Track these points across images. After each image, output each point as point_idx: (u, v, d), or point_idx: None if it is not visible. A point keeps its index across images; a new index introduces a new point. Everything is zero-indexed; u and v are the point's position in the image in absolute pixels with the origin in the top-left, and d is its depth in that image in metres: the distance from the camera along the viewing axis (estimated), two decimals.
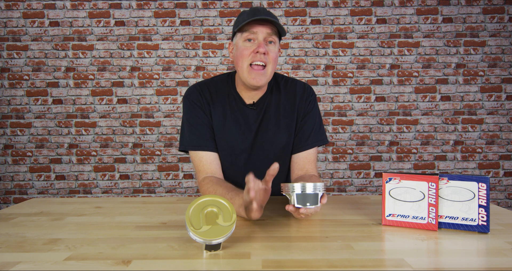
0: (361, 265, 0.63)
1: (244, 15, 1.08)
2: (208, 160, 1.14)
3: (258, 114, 1.17)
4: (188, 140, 1.15)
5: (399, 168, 3.05)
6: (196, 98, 1.17)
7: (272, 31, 1.06)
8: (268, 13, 1.06)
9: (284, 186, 0.83)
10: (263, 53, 1.04)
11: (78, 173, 3.03)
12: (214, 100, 1.17)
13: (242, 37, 1.06)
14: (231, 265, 0.64)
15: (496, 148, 3.03)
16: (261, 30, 1.04)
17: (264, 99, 1.18)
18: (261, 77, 1.07)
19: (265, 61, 1.05)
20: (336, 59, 3.01)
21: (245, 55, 1.06)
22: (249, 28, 1.05)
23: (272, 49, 1.07)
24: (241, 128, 1.16)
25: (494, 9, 2.98)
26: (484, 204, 0.80)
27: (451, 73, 3.01)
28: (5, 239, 0.79)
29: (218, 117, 1.16)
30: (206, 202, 0.73)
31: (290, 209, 0.83)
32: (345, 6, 2.99)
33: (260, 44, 1.04)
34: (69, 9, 2.97)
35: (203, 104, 1.16)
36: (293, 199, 0.80)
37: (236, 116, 1.17)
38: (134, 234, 0.82)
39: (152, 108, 3.02)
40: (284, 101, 1.19)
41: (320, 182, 0.82)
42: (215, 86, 1.19)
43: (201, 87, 1.19)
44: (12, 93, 3.00)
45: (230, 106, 1.17)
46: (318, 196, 0.80)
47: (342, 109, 3.04)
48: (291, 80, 1.24)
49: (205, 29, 3.00)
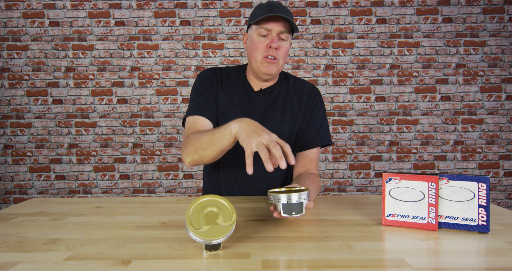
0: (361, 265, 0.63)
1: (261, 9, 1.12)
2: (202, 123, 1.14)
3: (264, 101, 1.22)
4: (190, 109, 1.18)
5: (399, 168, 3.05)
6: (209, 76, 1.23)
7: (285, 28, 1.11)
8: (284, 10, 1.10)
9: (270, 195, 0.85)
10: (275, 48, 1.11)
11: (78, 173, 3.03)
12: (224, 82, 1.23)
13: (257, 31, 1.12)
14: (231, 265, 0.64)
15: (496, 148, 3.03)
16: (275, 27, 1.10)
17: (272, 89, 1.24)
18: (273, 66, 1.14)
19: (276, 56, 1.12)
20: (336, 59, 3.01)
21: (259, 48, 1.12)
22: (264, 24, 1.10)
23: (284, 45, 1.13)
24: (244, 111, 1.20)
25: (494, 9, 2.98)
26: (484, 204, 0.80)
27: (451, 73, 3.01)
28: (5, 239, 0.79)
29: (224, 97, 1.21)
30: (206, 202, 0.73)
31: (276, 215, 0.85)
32: (345, 6, 2.99)
33: (273, 40, 1.10)
34: (69, 9, 2.97)
35: (213, 82, 1.22)
36: (280, 208, 0.82)
37: (242, 99, 1.21)
38: (134, 234, 0.82)
39: (152, 108, 3.02)
40: (292, 95, 1.24)
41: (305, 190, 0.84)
42: (227, 72, 1.27)
43: (215, 70, 1.26)
44: (12, 93, 3.00)
45: (238, 90, 1.23)
46: (303, 205, 0.82)
47: (342, 109, 3.04)
48: (301, 79, 1.31)
49: (205, 29, 3.00)
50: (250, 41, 1.16)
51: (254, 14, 1.14)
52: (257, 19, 1.09)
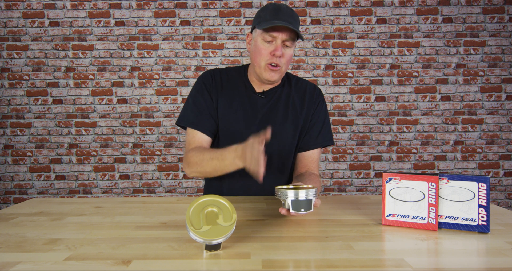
0: (361, 265, 0.63)
1: (267, 12, 1.09)
2: (201, 139, 1.18)
3: (267, 103, 1.21)
4: (189, 117, 1.19)
5: (399, 168, 3.05)
6: (208, 81, 1.22)
7: (289, 37, 1.09)
8: (290, 16, 1.08)
9: (278, 191, 0.86)
10: (279, 56, 1.10)
11: (78, 173, 3.03)
12: (224, 85, 1.22)
13: (262, 36, 1.10)
14: (231, 265, 0.64)
15: (496, 148, 3.03)
16: (280, 35, 1.08)
17: (274, 91, 1.23)
18: (275, 73, 1.13)
19: (279, 63, 1.11)
20: (336, 59, 3.01)
21: (263, 54, 1.11)
22: (269, 31, 1.08)
23: (287, 52, 1.12)
24: (246, 113, 1.19)
25: (494, 9, 2.98)
26: (484, 204, 0.80)
27: (451, 73, 3.01)
28: (5, 239, 0.79)
29: (225, 100, 1.20)
30: (206, 202, 0.73)
31: (283, 212, 0.86)
32: (345, 6, 2.99)
33: (277, 48, 1.08)
34: (69, 9, 2.97)
35: (212, 88, 1.21)
36: (288, 204, 0.83)
37: (244, 101, 1.20)
38: (134, 234, 0.82)
39: (152, 108, 3.02)
40: (294, 96, 1.24)
41: (313, 188, 0.85)
42: (228, 74, 1.25)
43: (214, 72, 1.25)
44: (12, 93, 3.00)
45: (239, 92, 1.22)
46: (312, 202, 0.83)
47: (342, 109, 3.04)
48: (302, 80, 1.29)
49: (205, 29, 3.00)
50: (254, 45, 1.14)
51: (259, 17, 1.11)
52: (262, 27, 1.06)
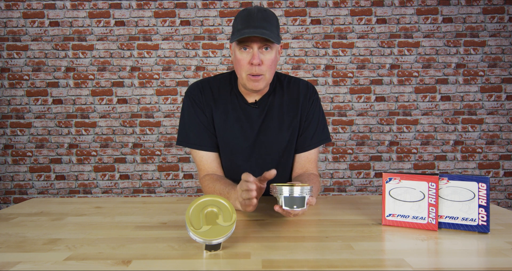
0: (361, 265, 0.63)
1: (239, 21, 1.05)
2: (209, 160, 1.18)
3: (261, 113, 1.17)
4: (190, 139, 1.17)
5: (399, 168, 3.05)
6: (197, 97, 1.17)
7: (264, 43, 1.03)
8: (263, 20, 1.01)
9: (273, 188, 0.85)
10: (257, 64, 1.02)
11: (78, 173, 3.03)
12: (216, 98, 1.17)
13: (238, 46, 1.05)
14: (231, 265, 0.64)
15: (496, 148, 3.03)
16: (255, 42, 1.02)
17: (266, 99, 1.18)
18: (258, 83, 1.06)
19: (260, 72, 1.04)
20: (336, 59, 3.01)
21: (242, 65, 1.05)
22: (242, 39, 1.02)
23: (267, 57, 1.04)
24: (243, 126, 1.16)
25: (494, 9, 2.98)
26: (484, 204, 0.80)
27: (451, 73, 3.01)
28: (5, 239, 0.79)
29: (219, 115, 1.17)
30: (206, 202, 0.73)
31: (277, 209, 0.85)
32: (345, 6, 2.99)
33: (254, 56, 1.02)
34: (69, 9, 2.97)
35: (204, 104, 1.17)
36: (281, 201, 0.82)
37: (238, 114, 1.17)
38: (134, 234, 0.82)
39: (152, 108, 3.02)
40: (287, 100, 1.20)
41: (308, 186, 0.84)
42: (218, 84, 1.20)
43: (202, 85, 1.19)
44: (12, 93, 3.00)
45: (232, 104, 1.17)
46: (305, 199, 0.82)
47: (342, 109, 3.04)
48: (294, 79, 1.24)
49: (205, 29, 3.00)
50: (234, 56, 1.09)
51: (233, 27, 1.07)
52: (234, 39, 1.02)
